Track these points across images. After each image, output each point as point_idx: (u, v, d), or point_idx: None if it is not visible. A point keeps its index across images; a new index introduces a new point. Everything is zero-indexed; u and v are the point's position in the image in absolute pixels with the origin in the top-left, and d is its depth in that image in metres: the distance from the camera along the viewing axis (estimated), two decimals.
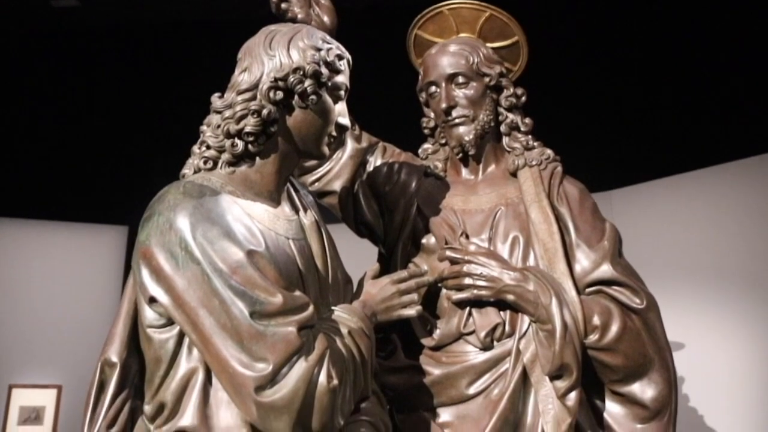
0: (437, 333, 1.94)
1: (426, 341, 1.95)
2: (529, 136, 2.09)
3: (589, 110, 3.83)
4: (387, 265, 2.05)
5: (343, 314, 1.64)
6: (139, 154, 4.23)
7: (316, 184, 2.11)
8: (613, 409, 1.91)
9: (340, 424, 1.53)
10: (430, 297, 1.96)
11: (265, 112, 1.61)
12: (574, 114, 3.78)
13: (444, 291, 1.95)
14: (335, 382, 1.45)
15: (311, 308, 1.51)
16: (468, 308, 1.91)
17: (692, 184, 4.00)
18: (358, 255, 2.17)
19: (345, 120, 1.74)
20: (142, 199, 1.58)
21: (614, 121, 3.88)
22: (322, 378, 1.44)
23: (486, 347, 1.88)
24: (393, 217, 2.09)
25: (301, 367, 1.42)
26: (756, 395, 3.71)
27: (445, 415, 1.90)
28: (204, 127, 1.69)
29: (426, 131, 2.22)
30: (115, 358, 1.58)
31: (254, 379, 1.40)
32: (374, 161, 2.16)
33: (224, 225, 1.50)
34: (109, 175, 4.40)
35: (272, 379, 1.40)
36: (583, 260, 1.92)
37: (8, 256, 4.70)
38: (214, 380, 1.50)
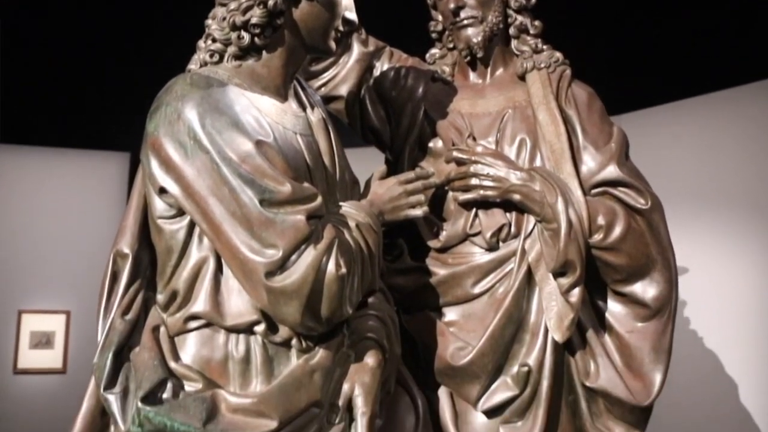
0: (443, 235, 1.96)
1: (432, 243, 1.97)
2: (539, 39, 2.07)
3: (597, 33, 3.77)
4: (393, 170, 2.06)
5: (350, 209, 1.66)
6: (141, 80, 4.18)
7: (323, 89, 2.09)
8: (614, 309, 1.95)
9: (348, 313, 1.56)
10: (436, 200, 1.97)
11: (270, 2, 1.58)
12: (583, 37, 3.71)
13: (450, 193, 1.96)
14: (343, 270, 1.48)
15: (320, 199, 1.52)
16: (474, 209, 1.92)
17: (702, 110, 3.96)
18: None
19: (352, 14, 1.71)
20: (144, 125, 1.57)
21: (623, 44, 3.82)
22: (331, 266, 1.46)
23: (491, 248, 1.91)
24: (400, 122, 2.08)
25: (310, 254, 1.44)
26: (758, 319, 3.77)
27: (450, 314, 1.94)
28: (209, 21, 1.67)
29: (434, 35, 2.19)
30: (126, 249, 1.61)
31: (264, 264, 1.42)
32: (381, 66, 2.15)
33: (232, 115, 1.50)
34: (111, 102, 4.37)
35: (282, 265, 1.43)
36: (589, 162, 1.93)
37: (12, 183, 4.71)
38: (225, 269, 1.52)
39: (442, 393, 1.92)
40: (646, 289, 1.90)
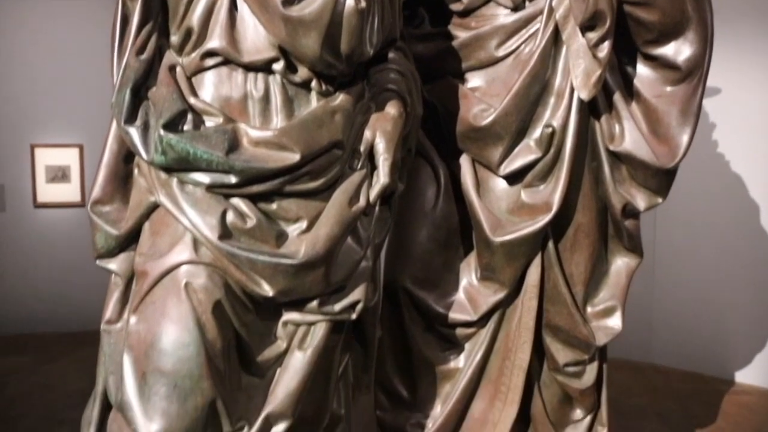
0: None
1: (454, 6, 1.87)
2: None
3: None
4: None
5: None
6: None
7: None
8: (643, 73, 1.88)
9: (368, 53, 1.51)
10: None
11: None
12: None
13: None
14: (363, 4, 1.40)
15: None
16: None
17: None
18: None
19: None
20: None
21: None
22: None
23: (517, 7, 1.81)
24: None
25: None
26: None
27: (474, 79, 1.88)
28: None
29: None
30: None
31: None
32: None
33: None
34: None
35: None
36: None
37: (19, 17, 4.56)
38: (240, 4, 1.46)
39: (464, 161, 1.90)
40: (679, 49, 1.81)
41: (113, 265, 1.55)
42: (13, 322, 4.61)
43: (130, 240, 1.54)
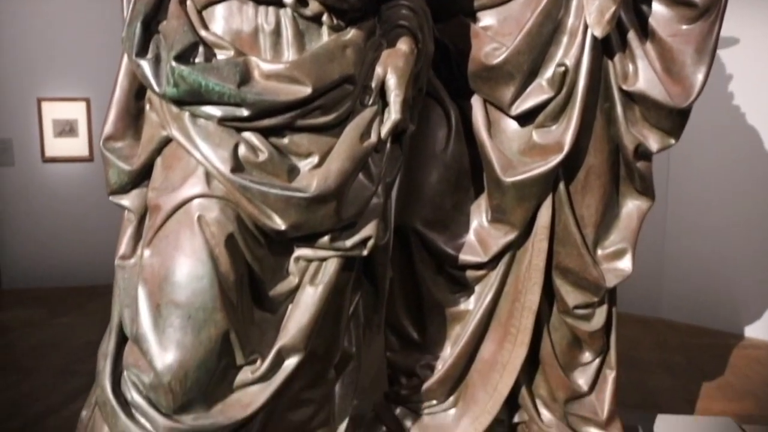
0: None
1: None
2: None
3: None
4: None
5: None
6: None
7: None
8: (658, 12, 1.84)
9: None
10: None
11: None
12: None
13: None
14: None
15: None
16: None
17: None
18: None
19: None
20: None
21: None
22: None
23: None
24: None
25: None
26: None
27: (486, 18, 1.85)
28: None
29: None
30: None
31: None
32: None
33: None
34: None
35: None
36: None
37: None
38: None
39: (475, 101, 1.88)
40: None
41: (126, 201, 1.56)
42: (23, 276, 4.66)
43: (142, 176, 1.54)
